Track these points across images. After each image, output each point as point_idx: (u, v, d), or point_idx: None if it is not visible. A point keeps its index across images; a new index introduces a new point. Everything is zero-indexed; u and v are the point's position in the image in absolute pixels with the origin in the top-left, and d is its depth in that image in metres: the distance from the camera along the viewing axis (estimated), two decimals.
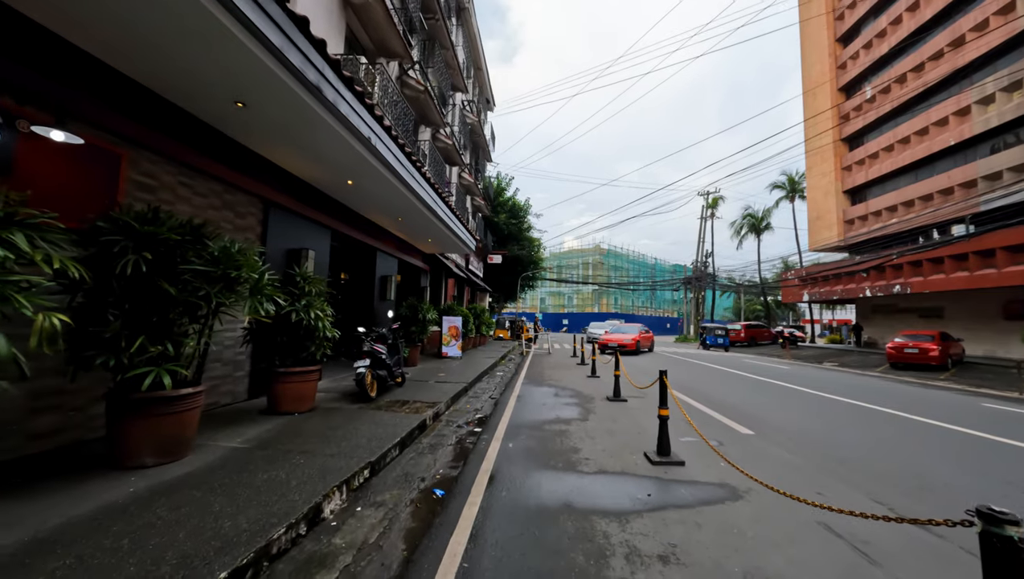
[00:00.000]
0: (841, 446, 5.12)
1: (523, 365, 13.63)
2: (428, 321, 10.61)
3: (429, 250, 14.04)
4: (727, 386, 10.03)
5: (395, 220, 9.53)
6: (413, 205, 8.59)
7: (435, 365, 10.99)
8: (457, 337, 13.12)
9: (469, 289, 22.91)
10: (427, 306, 10.60)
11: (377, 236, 9.99)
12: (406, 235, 11.30)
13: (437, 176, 13.98)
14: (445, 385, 7.98)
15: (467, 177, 19.72)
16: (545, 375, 11.00)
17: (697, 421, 5.79)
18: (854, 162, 27.87)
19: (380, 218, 9.44)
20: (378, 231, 10.00)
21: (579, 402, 7.35)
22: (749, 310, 61.22)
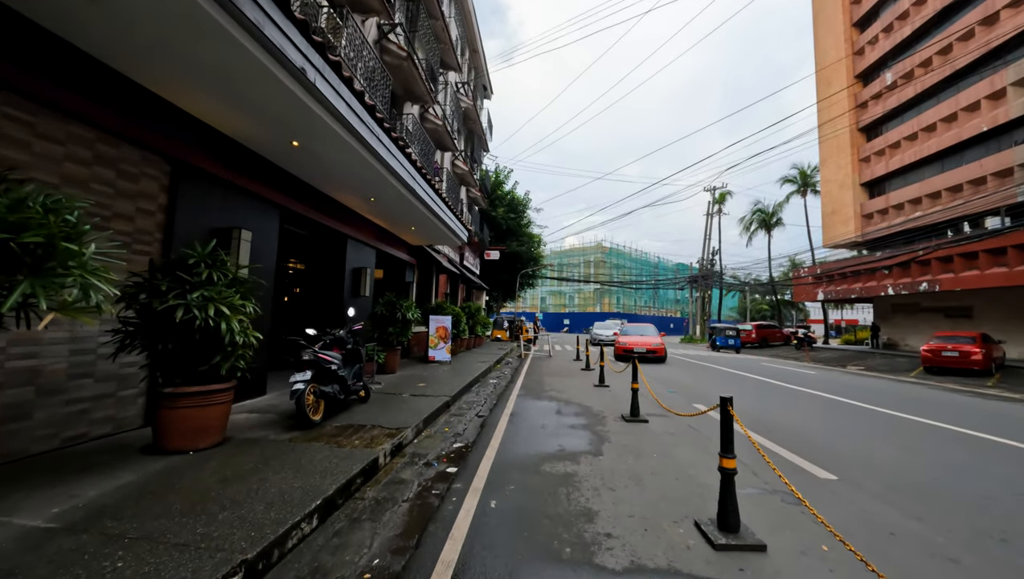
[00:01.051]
0: (970, 499, 3.59)
1: (520, 370, 12.12)
2: (409, 321, 9.10)
3: (415, 241, 12.53)
4: (760, 398, 8.51)
5: (366, 200, 8.02)
6: (387, 183, 7.09)
7: (418, 372, 9.48)
8: (446, 339, 11.61)
9: (464, 286, 21.41)
10: (408, 304, 9.09)
11: (347, 221, 8.49)
12: (385, 221, 9.79)
13: (424, 158, 12.48)
14: (422, 400, 6.47)
15: (461, 165, 18.22)
16: (545, 384, 9.48)
17: (750, 455, 4.27)
18: (873, 153, 26.32)
19: (348, 198, 7.93)
20: (348, 215, 8.49)
21: (587, 423, 5.83)
22: (755, 310, 59.65)
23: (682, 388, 9.27)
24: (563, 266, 61.37)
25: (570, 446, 4.70)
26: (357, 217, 8.86)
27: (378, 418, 5.17)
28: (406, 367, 10.24)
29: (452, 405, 6.87)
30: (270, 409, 5.29)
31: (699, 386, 9.70)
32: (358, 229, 8.97)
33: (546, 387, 8.95)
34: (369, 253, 9.68)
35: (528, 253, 28.78)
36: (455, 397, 7.21)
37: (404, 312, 8.92)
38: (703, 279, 39.30)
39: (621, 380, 9.70)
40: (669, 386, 9.45)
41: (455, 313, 13.54)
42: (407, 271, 12.44)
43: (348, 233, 8.59)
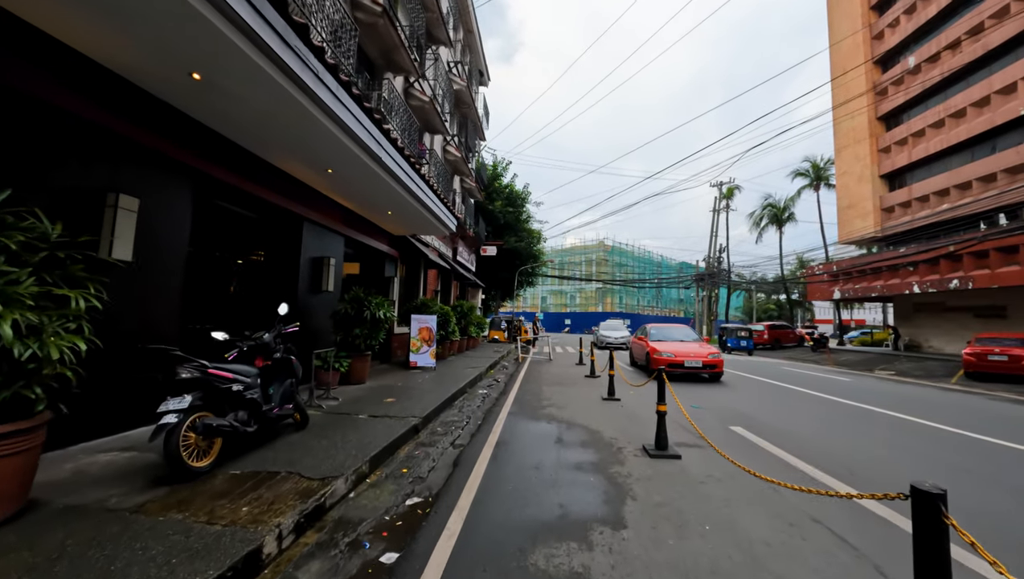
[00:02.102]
0: None
1: (516, 377, 10.60)
2: (381, 321, 7.59)
3: (397, 230, 11.03)
4: (802, 415, 6.98)
5: (322, 173, 6.52)
6: (347, 152, 5.63)
7: (392, 382, 7.97)
8: (430, 342, 10.10)
9: (457, 284, 19.91)
10: (378, 301, 7.58)
11: (303, 199, 6.98)
12: (353, 203, 8.28)
13: (407, 135, 10.98)
14: (382, 423, 4.96)
15: (454, 152, 16.72)
16: (543, 396, 7.96)
17: (840, 515, 2.75)
18: (893, 142, 24.76)
19: (300, 169, 6.43)
20: (303, 193, 6.99)
21: (599, 460, 4.31)
22: (761, 309, 58.05)
23: (707, 400, 7.74)
24: (564, 265, 59.87)
25: (577, 507, 3.17)
26: (316, 196, 7.35)
27: (303, 459, 3.66)
28: (381, 375, 8.73)
29: (423, 429, 5.36)
30: (152, 448, 3.78)
31: (726, 398, 8.16)
32: (318, 210, 7.46)
33: (544, 401, 7.43)
34: (334, 241, 8.17)
35: (527, 250, 27.26)
36: (429, 417, 5.70)
37: (374, 310, 7.40)
38: (710, 277, 37.75)
39: (634, 391, 8.19)
40: (690, 398, 7.92)
41: (442, 312, 12.03)
42: (387, 264, 10.93)
43: (304, 215, 7.08)
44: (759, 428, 5.75)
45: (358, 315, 7.30)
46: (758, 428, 5.75)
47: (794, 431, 5.69)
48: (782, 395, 8.85)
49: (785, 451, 4.71)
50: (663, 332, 12.28)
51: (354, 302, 7.37)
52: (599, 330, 23.78)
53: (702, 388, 9.29)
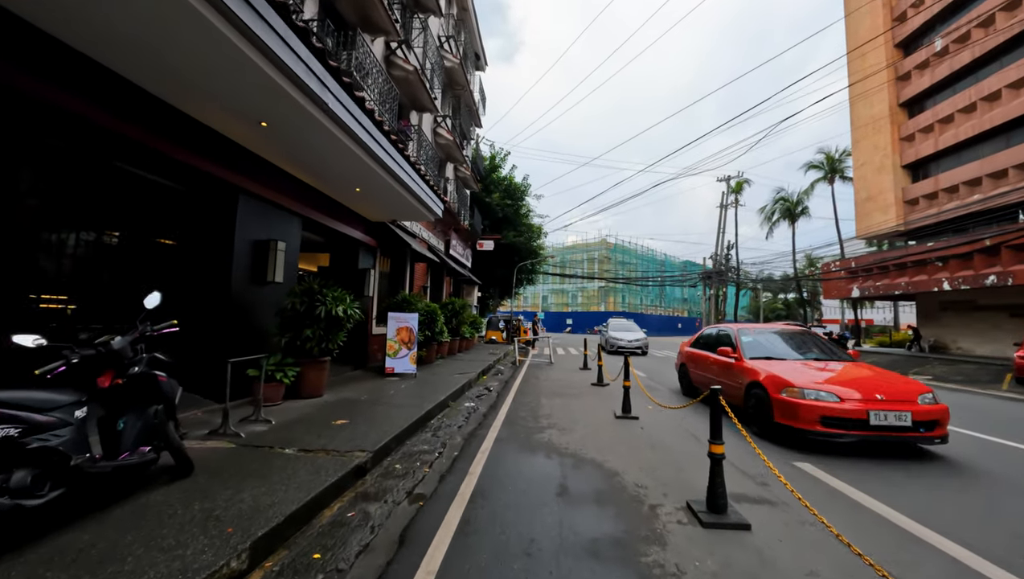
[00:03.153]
0: None
1: (511, 385, 9.11)
2: (341, 320, 6.11)
3: (375, 216, 9.56)
4: None
5: (255, 128, 5.03)
6: (278, 93, 4.15)
7: (355, 394, 6.48)
8: (410, 344, 8.63)
9: (450, 280, 18.44)
10: (337, 294, 6.10)
11: (239, 165, 5.51)
12: (310, 175, 6.79)
13: (385, 106, 9.51)
14: (307, 466, 3.47)
15: (445, 135, 15.24)
16: (542, 412, 6.46)
17: None
18: (918, 130, 23.19)
19: (226, 123, 4.94)
20: (240, 157, 5.51)
21: (626, 537, 2.79)
22: (769, 309, 56.48)
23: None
24: (566, 263, 58.38)
25: None
26: (257, 163, 5.87)
27: (133, 548, 2.17)
28: (347, 385, 7.25)
29: (374, 468, 3.88)
30: None
31: None
32: (261, 181, 5.98)
33: (543, 419, 5.93)
34: (286, 221, 6.68)
35: (527, 245, 25.78)
36: (387, 448, 4.23)
37: (331, 306, 5.92)
38: (717, 275, 36.22)
39: (654, 408, 6.70)
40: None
41: (428, 310, 10.55)
42: (363, 254, 9.45)
43: (241, 185, 5.61)
44: (828, 463, 4.24)
45: (309, 312, 5.81)
46: (827, 463, 4.25)
47: (871, 465, 4.19)
48: None
49: (885, 505, 3.21)
50: (766, 341, 6.64)
51: (305, 296, 5.88)
52: (607, 331, 20.08)
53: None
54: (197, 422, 4.50)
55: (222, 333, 5.45)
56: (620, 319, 21.82)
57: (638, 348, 18.22)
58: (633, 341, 18.44)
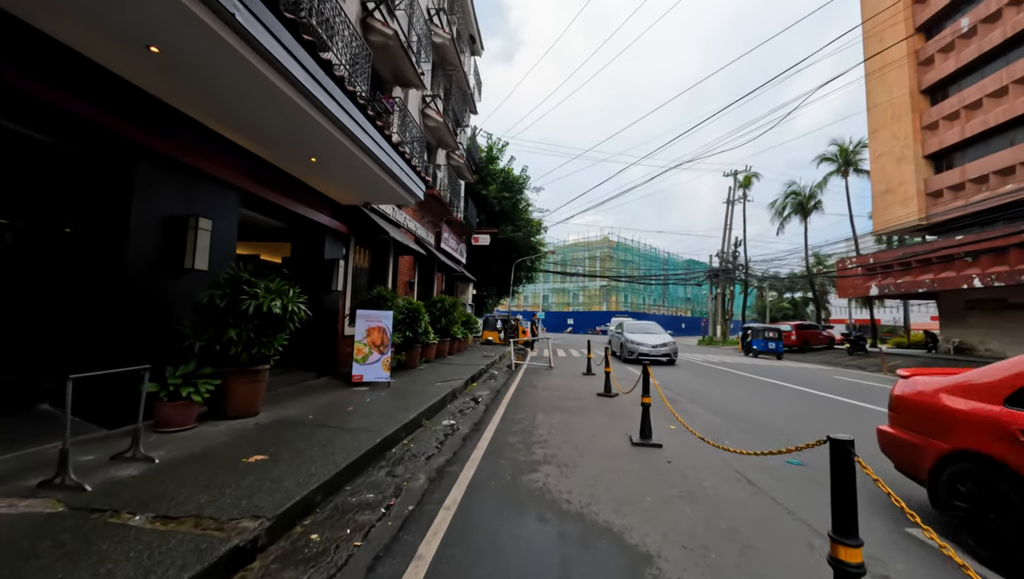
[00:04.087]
0: None
1: (503, 395, 7.76)
2: (278, 318, 4.77)
3: (345, 198, 8.23)
4: None
5: (142, 55, 3.69)
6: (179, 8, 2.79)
7: (299, 412, 5.13)
8: (383, 347, 7.28)
9: (442, 276, 17.09)
10: (274, 286, 4.77)
11: (142, 116, 4.17)
12: (248, 137, 5.44)
13: (358, 69, 8.17)
14: (147, 551, 2.11)
15: (435, 116, 13.90)
16: (537, 437, 5.10)
17: None
18: (942, 117, 21.77)
19: (105, 49, 3.60)
20: (142, 105, 4.18)
21: None
22: (776, 308, 55.05)
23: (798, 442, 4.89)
24: (567, 262, 57.04)
25: None
26: (168, 114, 4.52)
27: None
28: (297, 398, 5.91)
29: (274, 545, 2.53)
30: None
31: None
32: (175, 141, 4.63)
33: (537, 448, 4.57)
34: (216, 195, 5.32)
35: (525, 241, 24.43)
36: (301, 508, 2.88)
37: (265, 301, 4.57)
38: (724, 273, 34.83)
39: (678, 427, 5.35)
40: (772, 436, 5.08)
41: (409, 307, 9.21)
42: (330, 242, 8.10)
43: (140, 141, 4.26)
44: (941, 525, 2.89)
45: (233, 307, 4.46)
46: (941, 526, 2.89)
47: None
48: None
49: None
50: None
51: (228, 286, 4.53)
52: (623, 333, 15.74)
53: (770, 415, 6.42)
54: (42, 463, 3.16)
55: (108, 336, 4.11)
56: (637, 321, 17.85)
57: (665, 355, 14.33)
58: (658, 347, 14.32)
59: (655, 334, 15.58)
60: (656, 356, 14.12)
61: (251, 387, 4.75)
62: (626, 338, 15.09)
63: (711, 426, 5.56)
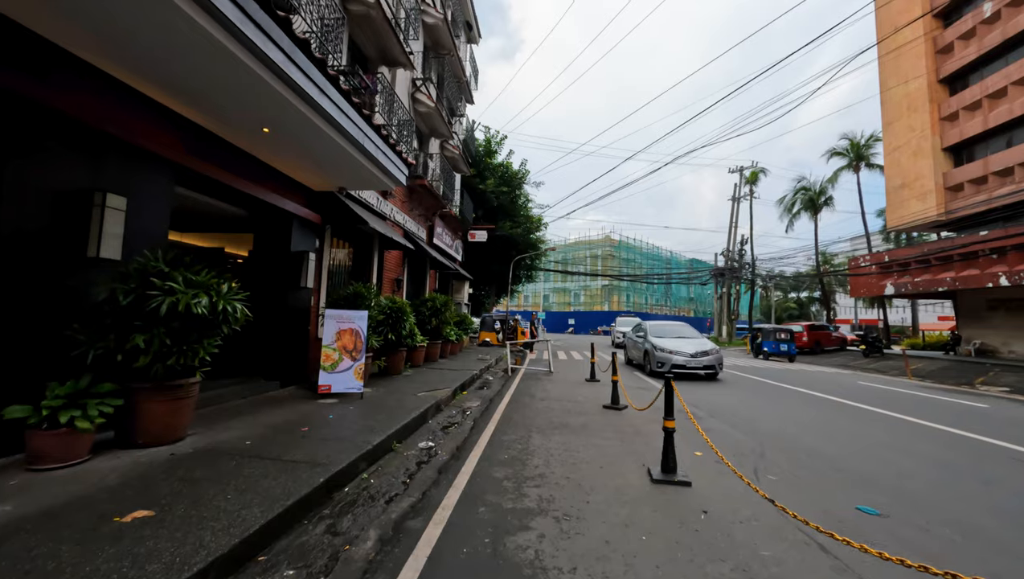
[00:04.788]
0: None
1: (494, 409, 6.77)
2: (205, 320, 3.78)
3: (316, 182, 7.25)
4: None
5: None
6: None
7: (245, 432, 4.14)
8: (356, 353, 6.30)
9: (435, 273, 16.11)
10: (199, 278, 3.79)
11: (9, 52, 3.20)
12: (176, 96, 4.44)
13: (330, 35, 7.19)
14: None
15: (427, 100, 12.92)
16: (531, 474, 4.08)
17: None
18: (962, 107, 20.73)
19: None
20: (12, 36, 3.20)
21: None
22: (781, 308, 53.99)
23: (862, 480, 3.89)
24: (569, 261, 56.05)
25: None
26: (54, 54, 3.54)
27: None
28: (251, 414, 4.92)
29: None
30: None
31: (890, 470, 4.30)
32: (69, 91, 3.65)
33: (531, 488, 3.56)
34: (136, 166, 4.33)
35: (525, 238, 23.45)
36: None
37: (184, 298, 3.59)
38: (731, 272, 33.80)
39: (705, 454, 4.35)
40: (827, 467, 4.09)
41: (391, 307, 8.24)
42: (298, 232, 7.10)
43: (21, 91, 3.28)
44: None
45: (139, 306, 3.48)
46: None
47: None
48: (960, 450, 4.96)
49: None
50: None
51: (135, 279, 3.55)
52: (648, 337, 11.98)
53: (807, 434, 5.43)
54: None
55: None
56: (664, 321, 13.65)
57: (708, 368, 10.69)
58: (700, 356, 10.64)
59: (690, 338, 11.95)
60: (696, 369, 10.57)
61: (170, 407, 3.77)
62: (652, 344, 11.36)
63: (744, 451, 4.56)
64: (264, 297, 6.87)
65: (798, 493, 3.48)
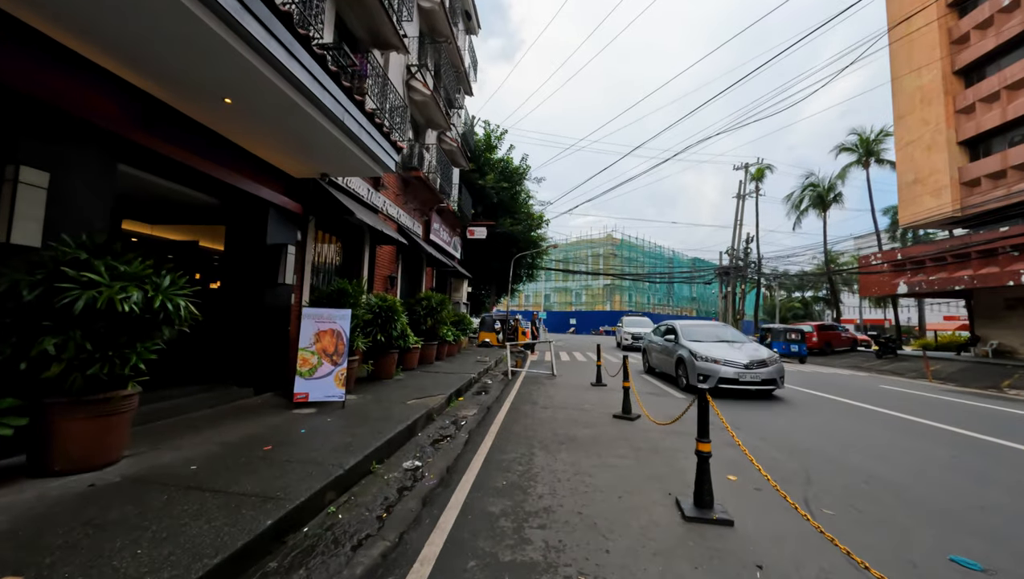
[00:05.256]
0: None
1: (493, 418, 6.09)
2: (139, 319, 3.10)
3: (298, 169, 6.59)
4: None
5: None
6: None
7: (195, 452, 3.45)
8: (337, 357, 5.63)
9: (432, 271, 15.43)
10: (129, 270, 3.12)
11: None
12: (117, 56, 3.76)
13: (308, 8, 6.51)
14: None
15: (422, 88, 12.24)
16: (533, 507, 3.40)
17: None
18: (979, 99, 20.01)
19: None
20: None
21: None
22: (785, 307, 53.25)
23: (940, 516, 3.21)
24: (570, 260, 55.38)
25: None
26: None
27: None
28: (212, 427, 4.25)
29: None
30: None
31: (969, 502, 3.62)
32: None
33: (534, 531, 2.85)
34: (69, 139, 3.65)
35: (526, 235, 22.76)
36: None
37: (110, 293, 2.91)
38: (736, 271, 33.08)
39: (740, 485, 3.66)
40: (890, 497, 3.41)
41: (382, 305, 7.58)
42: (275, 223, 6.41)
43: None
44: None
45: (46, 302, 2.81)
46: None
47: None
48: (1005, 465, 4.27)
49: None
50: None
51: (44, 269, 2.88)
52: (682, 342, 9.42)
53: (857, 456, 4.74)
54: None
55: None
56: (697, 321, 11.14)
57: (769, 382, 8.15)
58: (757, 367, 8.12)
59: (737, 343, 9.33)
60: (751, 384, 7.95)
61: (95, 425, 3.09)
62: (690, 350, 8.75)
63: (784, 474, 3.88)
64: (237, 295, 6.22)
65: (867, 534, 2.80)
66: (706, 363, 8.34)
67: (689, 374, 8.65)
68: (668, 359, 10.01)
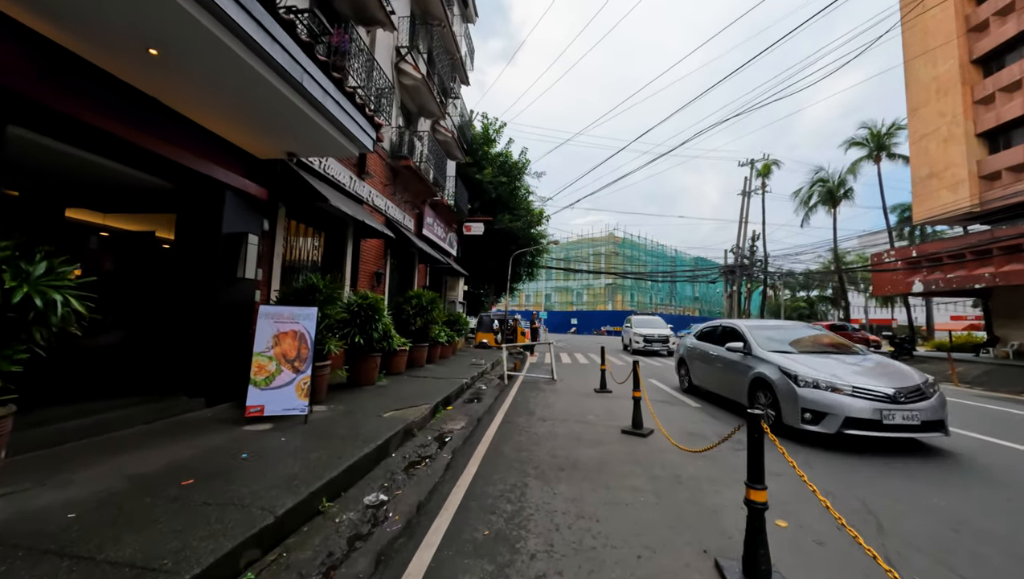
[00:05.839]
0: None
1: (482, 434, 5.27)
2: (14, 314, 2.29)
3: (261, 148, 5.79)
4: None
5: None
6: None
7: (88, 493, 2.63)
8: (300, 363, 4.81)
9: (426, 268, 14.62)
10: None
11: None
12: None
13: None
14: None
15: (412, 71, 11.43)
16: (527, 559, 2.61)
17: None
18: (999, 89, 19.15)
19: None
20: None
21: None
22: (790, 307, 52.35)
23: None
24: (571, 259, 54.56)
25: None
26: None
27: None
28: (145, 448, 3.44)
29: None
30: None
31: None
32: None
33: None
34: None
35: (525, 232, 21.93)
36: None
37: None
38: (742, 270, 32.22)
39: (784, 522, 2.83)
40: (994, 554, 2.58)
41: (361, 303, 6.76)
42: (233, 209, 5.60)
43: None
44: None
45: None
46: None
47: None
48: None
49: None
50: None
51: None
52: (754, 349, 6.27)
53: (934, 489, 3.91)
54: None
55: None
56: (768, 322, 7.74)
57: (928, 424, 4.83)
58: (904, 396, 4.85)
59: (855, 357, 6.03)
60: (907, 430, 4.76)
61: None
62: (783, 369, 5.55)
63: (850, 518, 3.05)
64: (188, 291, 5.41)
65: None
66: (818, 392, 5.05)
67: (785, 408, 5.34)
68: (735, 379, 6.58)
